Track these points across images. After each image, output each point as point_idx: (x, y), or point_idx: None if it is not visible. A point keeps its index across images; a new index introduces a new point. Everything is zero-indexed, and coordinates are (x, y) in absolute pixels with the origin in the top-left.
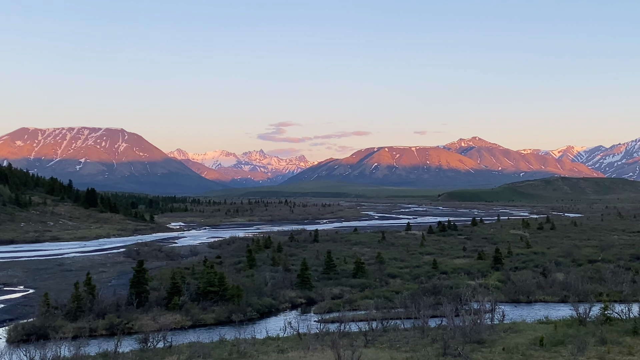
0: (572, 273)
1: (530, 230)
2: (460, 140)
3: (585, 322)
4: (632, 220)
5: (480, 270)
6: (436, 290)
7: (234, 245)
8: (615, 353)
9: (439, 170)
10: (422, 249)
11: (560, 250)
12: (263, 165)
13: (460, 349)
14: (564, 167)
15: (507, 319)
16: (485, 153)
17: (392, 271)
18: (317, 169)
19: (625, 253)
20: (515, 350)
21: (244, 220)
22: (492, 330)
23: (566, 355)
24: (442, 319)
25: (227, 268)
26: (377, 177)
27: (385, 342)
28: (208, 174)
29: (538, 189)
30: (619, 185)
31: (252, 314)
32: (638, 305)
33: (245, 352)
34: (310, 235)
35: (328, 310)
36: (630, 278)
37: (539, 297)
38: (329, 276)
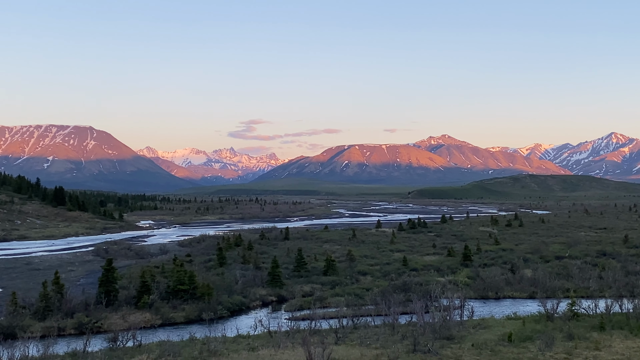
0: (540, 269)
1: (499, 227)
2: (430, 138)
3: (552, 318)
4: (598, 217)
5: (450, 267)
6: (406, 287)
7: (204, 243)
8: (582, 348)
9: (409, 168)
10: (393, 246)
11: (528, 247)
12: (233, 163)
13: (430, 345)
14: (531, 165)
15: (476, 315)
16: (454, 151)
17: (363, 268)
18: (287, 166)
19: (592, 249)
20: (484, 346)
21: (214, 218)
22: (461, 327)
23: (534, 350)
24: (412, 315)
25: (198, 266)
26: (348, 175)
27: (356, 339)
28: (178, 172)
29: (506, 186)
30: (585, 183)
31: (223, 312)
32: (604, 301)
33: (215, 351)
34: (281, 233)
35: (299, 307)
36: (597, 274)
37: (507, 294)
38: (299, 274)
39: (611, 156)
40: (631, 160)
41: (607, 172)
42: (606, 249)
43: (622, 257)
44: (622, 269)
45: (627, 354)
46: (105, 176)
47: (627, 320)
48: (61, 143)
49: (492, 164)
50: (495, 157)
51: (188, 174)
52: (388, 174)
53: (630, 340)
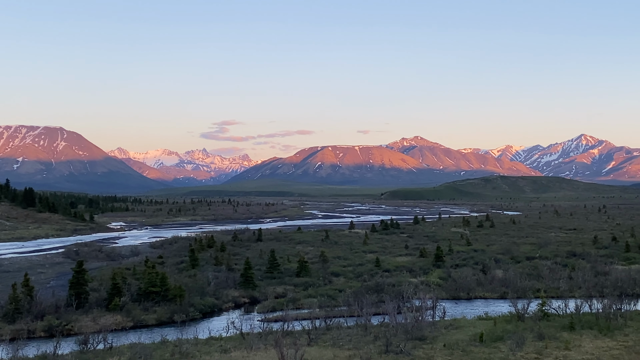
0: (511, 270)
1: (471, 228)
2: (403, 140)
3: (523, 318)
4: (568, 218)
5: (422, 267)
6: (379, 288)
7: (176, 245)
8: (552, 348)
9: (382, 169)
10: (365, 247)
11: (500, 248)
12: (206, 165)
13: (402, 345)
14: (503, 166)
15: (448, 315)
16: (427, 152)
17: (336, 270)
18: (260, 168)
19: (562, 250)
20: (456, 346)
21: (186, 219)
22: (433, 327)
23: (505, 350)
24: (384, 316)
25: (169, 268)
26: (321, 176)
27: (329, 340)
28: (150, 173)
29: (478, 187)
30: (555, 184)
31: (195, 314)
32: (574, 301)
33: (187, 353)
34: (253, 234)
35: (271, 309)
36: (567, 274)
37: (479, 294)
38: (272, 275)
39: (581, 158)
40: (600, 161)
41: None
42: (576, 249)
43: (592, 257)
44: (592, 269)
45: (597, 353)
46: (76, 177)
47: (597, 320)
48: (31, 144)
49: (464, 165)
50: (467, 159)
51: (160, 175)
52: (361, 175)
53: (600, 340)
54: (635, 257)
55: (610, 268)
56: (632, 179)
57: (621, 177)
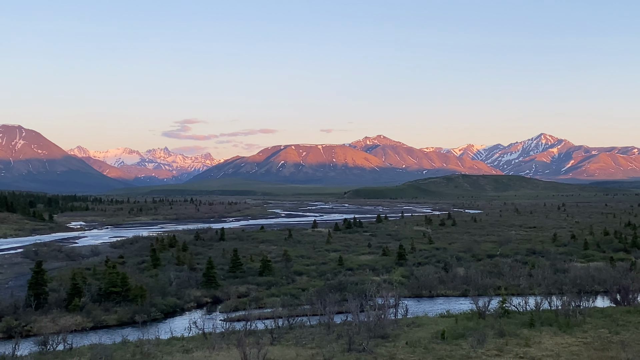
0: (472, 268)
1: (433, 226)
2: (366, 139)
3: (484, 315)
4: (528, 216)
5: (385, 266)
6: (342, 286)
7: (138, 244)
8: (512, 345)
9: (345, 168)
10: (328, 246)
11: (461, 246)
12: (168, 163)
13: (364, 344)
14: (464, 165)
15: (411, 313)
16: (389, 151)
17: (299, 268)
18: (223, 167)
19: (522, 248)
20: (418, 344)
21: (147, 219)
22: (395, 325)
23: (466, 347)
24: (347, 315)
25: (130, 268)
26: (284, 175)
27: (292, 339)
28: (110, 172)
29: (440, 186)
30: (516, 182)
31: (156, 315)
32: (534, 299)
33: (149, 353)
34: (216, 233)
35: (234, 308)
36: (527, 272)
37: (440, 292)
38: (235, 274)
39: (541, 156)
40: (560, 160)
41: (537, 172)
42: (536, 247)
43: (551, 255)
44: (551, 266)
45: (556, 349)
46: (34, 176)
47: (556, 317)
48: None
49: (426, 164)
50: (429, 158)
51: (121, 174)
52: (324, 174)
53: (559, 337)
54: (593, 254)
55: (569, 265)
56: (590, 177)
57: (580, 176)
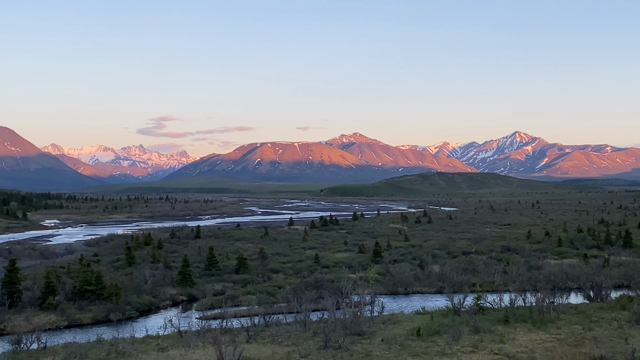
0: (448, 265)
1: (409, 223)
2: (342, 136)
3: (459, 312)
4: (503, 214)
5: (361, 263)
6: (318, 284)
7: (112, 242)
8: (487, 341)
9: (321, 165)
10: (305, 244)
11: (437, 243)
12: (143, 161)
13: (340, 341)
14: (440, 163)
15: (386, 310)
16: (366, 149)
17: (275, 266)
18: (199, 164)
19: (497, 245)
20: (394, 340)
21: (122, 217)
22: (371, 322)
23: (442, 344)
24: (323, 312)
25: (105, 266)
26: (260, 173)
27: (268, 337)
28: (85, 169)
29: (416, 183)
30: (491, 180)
31: (131, 313)
32: (509, 295)
33: (124, 352)
34: (192, 231)
35: (210, 307)
36: (501, 269)
37: (416, 289)
38: (211, 272)
39: (515, 154)
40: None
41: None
42: (510, 244)
43: (526, 252)
44: (526, 263)
45: (530, 346)
46: (8, 174)
47: (530, 314)
48: None
49: (402, 162)
50: (405, 155)
51: (95, 171)
52: (300, 172)
53: (533, 333)
54: (567, 251)
55: (543, 262)
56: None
57: (554, 174)
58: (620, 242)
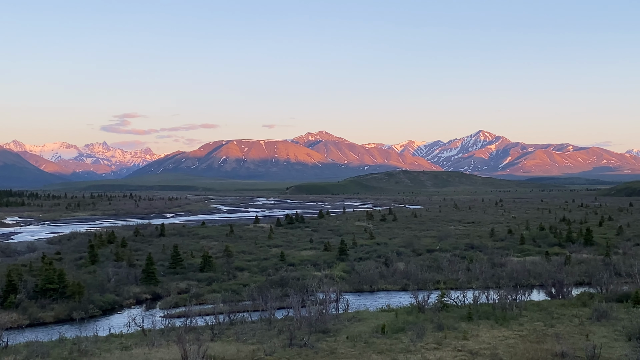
0: (412, 262)
1: (374, 221)
2: (308, 134)
3: (424, 309)
4: (467, 212)
5: (327, 261)
6: (283, 282)
7: (75, 240)
8: (451, 338)
9: (288, 163)
10: (270, 242)
11: (402, 241)
12: (107, 158)
13: (306, 339)
14: (405, 161)
15: (352, 308)
16: (332, 147)
17: (240, 264)
18: (163, 162)
19: (461, 242)
20: (359, 338)
21: (86, 214)
22: (337, 320)
23: (406, 341)
24: (289, 310)
25: (68, 264)
26: (226, 171)
27: (232, 335)
28: (47, 166)
29: (381, 181)
30: (455, 178)
31: (95, 311)
32: (472, 292)
33: (86, 351)
34: (156, 229)
35: (174, 305)
36: (465, 266)
37: (381, 286)
38: (175, 271)
39: (479, 153)
40: (497, 157)
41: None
42: (474, 242)
43: (489, 249)
44: (489, 261)
45: (493, 342)
46: None
47: (493, 311)
48: None
49: (368, 160)
50: (370, 154)
51: (58, 169)
52: (266, 170)
53: (496, 330)
54: (529, 249)
55: (506, 260)
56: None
57: (517, 172)
58: (581, 240)
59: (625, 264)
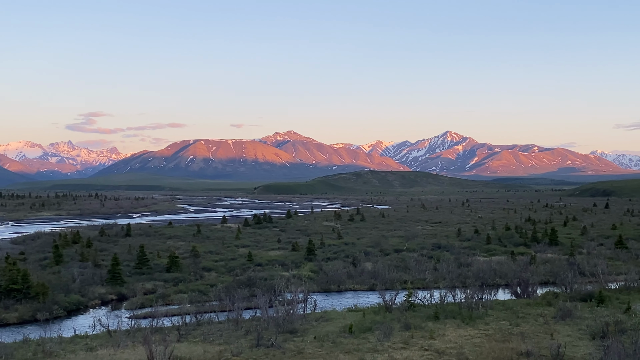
0: (380, 262)
1: (342, 221)
2: (276, 134)
3: (391, 309)
4: (434, 212)
5: (294, 261)
6: (251, 282)
7: (40, 240)
8: (418, 337)
9: (256, 163)
10: (238, 242)
11: (370, 241)
12: (72, 157)
13: (273, 339)
14: (373, 161)
15: (319, 308)
16: (300, 147)
17: (207, 264)
18: (130, 161)
19: (428, 242)
20: (326, 338)
21: (50, 214)
22: (304, 320)
23: (373, 341)
24: (256, 310)
25: (32, 265)
26: (193, 170)
27: (199, 335)
28: (11, 165)
29: (349, 181)
30: (422, 179)
31: (59, 312)
32: (439, 292)
33: (51, 352)
34: (122, 229)
35: (140, 306)
36: (432, 266)
37: (349, 286)
38: (141, 271)
39: (446, 154)
40: (464, 157)
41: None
42: (441, 241)
43: (455, 249)
44: (455, 260)
45: (459, 342)
46: None
47: (460, 310)
48: None
49: (336, 160)
50: (339, 154)
51: (22, 168)
52: (234, 170)
53: (462, 329)
54: (495, 248)
55: (472, 259)
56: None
57: (483, 173)
58: (546, 240)
59: (589, 263)
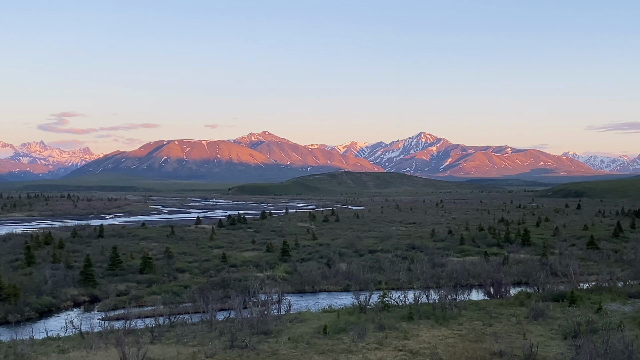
0: (354, 263)
1: (317, 222)
2: (251, 135)
3: (365, 310)
4: (408, 212)
5: (269, 262)
6: (225, 283)
7: (11, 242)
8: (392, 338)
9: (230, 164)
10: (212, 243)
11: (344, 242)
12: (44, 158)
13: (247, 340)
14: (348, 162)
15: (294, 309)
16: (274, 147)
17: (181, 265)
18: (103, 161)
19: (402, 243)
20: (300, 339)
21: (22, 215)
22: (278, 321)
23: (347, 342)
24: (230, 311)
25: (3, 266)
26: (167, 171)
27: (173, 337)
28: None
29: (324, 182)
30: (397, 179)
31: (31, 314)
32: (413, 292)
33: (22, 354)
34: (95, 230)
35: (113, 307)
36: (406, 267)
37: (323, 287)
38: (114, 272)
39: (421, 154)
40: (438, 158)
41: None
42: (415, 242)
43: (430, 250)
44: (429, 261)
45: (433, 342)
46: None
47: (433, 310)
48: None
49: (311, 161)
50: (313, 154)
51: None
52: (208, 170)
53: (436, 329)
54: (469, 249)
55: (446, 260)
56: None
57: (457, 174)
58: (519, 240)
59: (561, 264)
